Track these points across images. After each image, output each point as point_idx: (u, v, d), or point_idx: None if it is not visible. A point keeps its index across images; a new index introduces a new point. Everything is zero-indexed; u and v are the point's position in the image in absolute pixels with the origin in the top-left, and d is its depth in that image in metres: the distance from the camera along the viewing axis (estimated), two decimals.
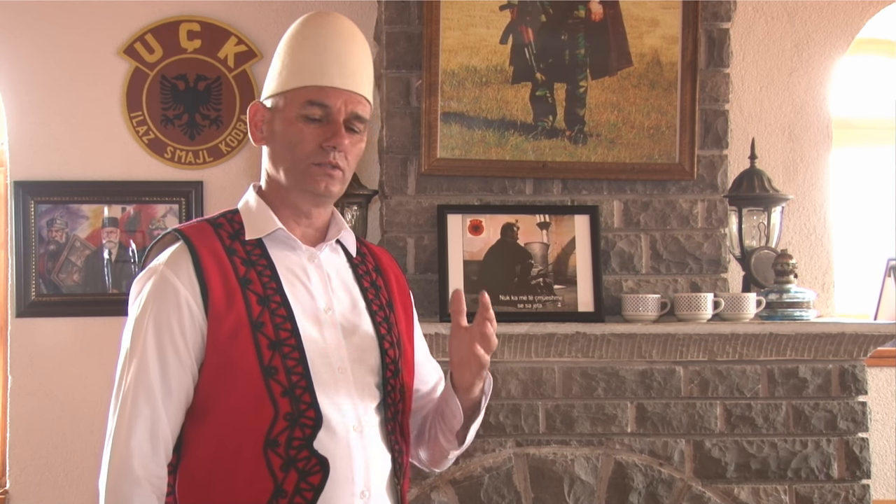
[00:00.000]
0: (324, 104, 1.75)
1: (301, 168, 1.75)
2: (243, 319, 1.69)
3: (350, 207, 3.49)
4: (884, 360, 3.91)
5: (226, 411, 1.69)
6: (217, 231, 1.78)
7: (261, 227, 1.78)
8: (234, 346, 1.68)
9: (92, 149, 3.80)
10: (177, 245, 1.74)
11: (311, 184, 1.76)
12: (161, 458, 1.68)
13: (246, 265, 1.74)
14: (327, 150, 1.74)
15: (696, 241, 3.45)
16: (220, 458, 1.69)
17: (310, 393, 1.69)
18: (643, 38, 3.40)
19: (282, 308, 1.72)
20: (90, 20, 3.81)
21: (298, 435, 1.68)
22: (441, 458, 1.96)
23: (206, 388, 1.70)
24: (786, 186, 3.84)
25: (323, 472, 1.68)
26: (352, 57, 1.79)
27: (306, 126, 1.75)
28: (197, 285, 1.70)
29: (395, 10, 3.40)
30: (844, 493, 3.30)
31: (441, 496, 3.21)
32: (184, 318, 1.69)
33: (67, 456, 3.75)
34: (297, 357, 1.70)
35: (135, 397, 1.67)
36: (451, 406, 1.84)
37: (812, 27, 3.95)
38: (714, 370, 3.29)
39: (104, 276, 3.77)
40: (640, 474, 3.26)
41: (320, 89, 1.75)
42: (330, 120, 1.75)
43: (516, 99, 3.38)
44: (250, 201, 1.83)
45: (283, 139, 1.77)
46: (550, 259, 3.33)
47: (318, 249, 1.82)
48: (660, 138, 3.40)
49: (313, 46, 1.77)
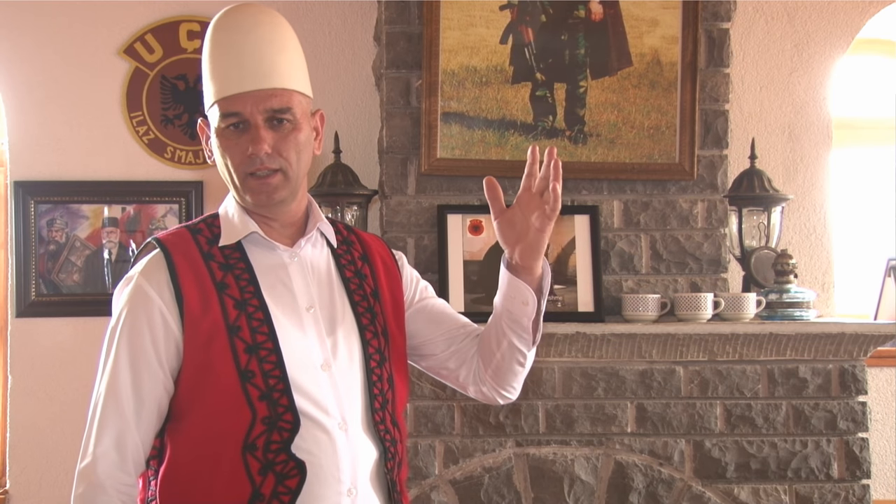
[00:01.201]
0: (234, 112, 1.72)
1: (239, 181, 1.74)
2: (219, 324, 1.69)
3: (350, 207, 3.49)
4: (884, 360, 3.90)
5: (204, 415, 1.69)
6: (195, 237, 1.77)
7: (237, 232, 1.78)
8: (210, 351, 1.68)
9: (92, 149, 3.80)
10: (153, 254, 1.74)
11: (252, 196, 1.74)
12: (129, 465, 1.68)
13: (223, 269, 1.74)
14: (253, 159, 1.72)
15: (696, 241, 3.45)
16: (199, 461, 1.69)
17: (287, 396, 1.69)
18: (643, 38, 3.40)
19: (259, 311, 1.72)
20: (90, 20, 3.81)
21: (276, 438, 1.67)
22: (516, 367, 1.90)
23: (184, 393, 1.70)
24: (786, 186, 3.84)
25: (300, 476, 1.68)
26: (254, 52, 1.74)
27: (230, 139, 1.73)
28: (172, 293, 1.69)
29: (395, 10, 3.40)
30: (844, 493, 3.30)
31: (441, 496, 3.21)
32: (157, 328, 1.69)
33: (67, 456, 3.75)
34: (273, 360, 1.70)
35: (104, 406, 1.68)
36: (521, 292, 1.78)
37: (812, 27, 3.95)
38: (714, 370, 3.29)
39: (104, 276, 3.77)
40: (640, 474, 3.26)
41: (228, 100, 1.72)
42: (248, 126, 1.72)
43: (516, 99, 3.38)
44: (228, 206, 1.82)
45: (218, 156, 1.76)
46: (550, 259, 3.33)
47: (297, 246, 1.81)
48: (660, 138, 3.40)
49: (218, 55, 1.75)
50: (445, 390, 3.20)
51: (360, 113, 3.81)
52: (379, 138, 3.54)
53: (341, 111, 3.79)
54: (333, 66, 3.84)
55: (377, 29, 3.58)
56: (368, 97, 3.79)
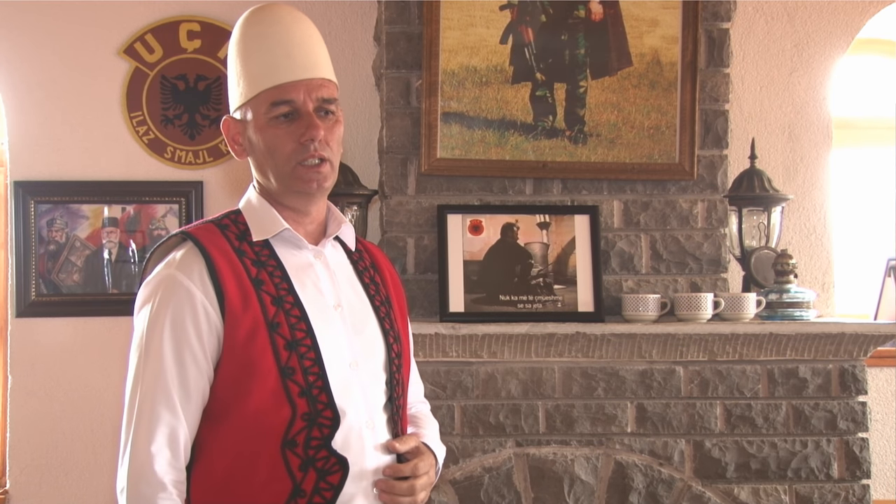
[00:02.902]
0: (287, 100, 1.73)
1: (288, 171, 1.74)
2: (260, 320, 1.69)
3: (350, 207, 3.49)
4: (884, 360, 3.91)
5: (244, 412, 1.69)
6: (224, 232, 1.77)
7: (267, 228, 1.77)
8: (251, 347, 1.68)
9: (92, 149, 3.80)
10: (186, 247, 1.73)
11: (301, 185, 1.75)
12: (181, 462, 1.68)
13: (256, 266, 1.74)
14: (307, 146, 1.72)
15: (696, 241, 3.45)
16: (238, 458, 1.69)
17: (326, 392, 1.70)
18: (643, 38, 3.40)
19: (295, 308, 1.72)
20: (90, 20, 3.81)
21: (317, 434, 1.69)
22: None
23: (223, 389, 1.70)
24: (786, 186, 3.84)
25: (343, 471, 1.69)
26: (299, 43, 1.76)
27: (278, 128, 1.73)
28: (211, 287, 1.69)
29: (395, 10, 3.40)
30: (844, 493, 3.30)
31: (441, 496, 3.21)
32: (200, 322, 1.68)
33: (67, 456, 3.75)
34: (312, 357, 1.71)
35: (154, 402, 1.66)
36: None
37: (812, 27, 3.95)
38: (714, 370, 3.29)
39: (104, 276, 3.77)
40: (640, 474, 3.26)
41: (278, 88, 1.73)
42: (300, 114, 1.73)
43: (516, 99, 3.38)
44: (253, 201, 1.81)
45: (262, 147, 1.75)
46: (550, 259, 3.33)
47: (322, 246, 1.82)
48: (660, 138, 3.40)
49: (259, 47, 1.75)
50: (445, 390, 3.21)
51: (360, 113, 3.81)
52: (379, 138, 3.54)
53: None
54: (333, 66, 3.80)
55: (377, 29, 3.58)
56: (368, 97, 3.80)
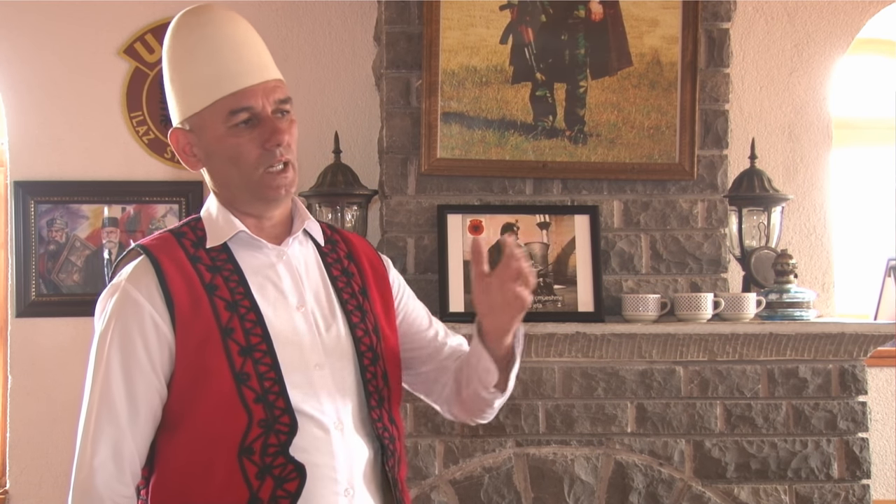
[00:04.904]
0: (246, 107, 1.68)
1: (255, 179, 1.70)
2: (212, 326, 1.66)
3: (350, 207, 3.49)
4: (884, 360, 3.90)
5: (199, 420, 1.66)
6: (180, 241, 1.74)
7: (223, 233, 1.74)
8: (204, 354, 1.65)
9: (92, 149, 3.80)
10: (138, 259, 1.70)
11: (269, 192, 1.71)
12: (126, 476, 1.66)
13: (211, 271, 1.70)
14: (272, 151, 1.69)
15: (696, 241, 3.45)
16: (194, 467, 1.67)
17: (283, 398, 1.66)
18: (643, 38, 3.40)
19: (251, 312, 1.69)
20: (90, 20, 3.81)
21: (273, 441, 1.65)
22: (486, 408, 1.87)
23: (178, 398, 1.67)
24: (786, 186, 3.84)
25: (300, 478, 1.65)
26: (245, 46, 1.72)
27: (240, 136, 1.69)
28: (161, 299, 1.66)
29: (395, 10, 3.40)
30: (844, 493, 3.30)
31: (441, 496, 3.21)
32: (148, 334, 1.65)
33: (67, 456, 3.71)
34: (269, 362, 1.67)
35: (98, 416, 1.66)
36: (484, 363, 1.75)
37: (812, 27, 3.95)
38: (714, 370, 3.29)
39: (104, 277, 3.77)
40: (640, 474, 3.26)
41: (234, 95, 1.68)
42: (260, 119, 1.69)
43: (516, 99, 3.38)
44: (211, 208, 1.77)
45: (223, 157, 1.70)
46: (550, 259, 3.33)
47: (285, 245, 1.78)
48: (660, 138, 3.40)
49: (204, 54, 1.70)
50: None
51: (360, 113, 3.80)
52: (379, 138, 3.54)
53: (341, 111, 3.79)
54: (333, 66, 3.83)
55: (377, 29, 3.58)
56: (368, 97, 3.79)
